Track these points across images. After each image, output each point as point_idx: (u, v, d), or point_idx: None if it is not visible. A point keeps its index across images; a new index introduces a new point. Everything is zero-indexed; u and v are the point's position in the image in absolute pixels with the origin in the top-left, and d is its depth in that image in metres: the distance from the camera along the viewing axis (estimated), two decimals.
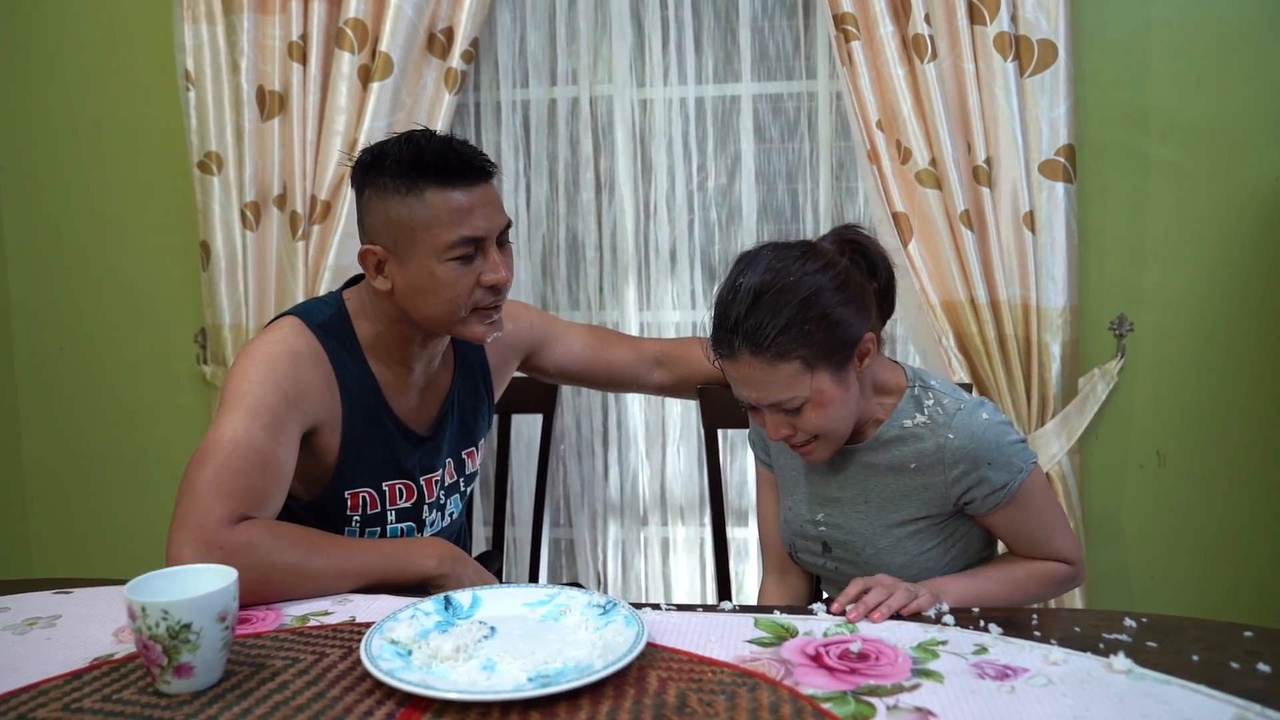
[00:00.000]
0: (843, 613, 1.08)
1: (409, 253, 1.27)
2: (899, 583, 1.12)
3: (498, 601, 1.10)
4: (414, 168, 1.25)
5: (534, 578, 1.94)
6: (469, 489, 1.54)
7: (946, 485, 1.25)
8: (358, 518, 1.36)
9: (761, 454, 1.47)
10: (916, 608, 1.09)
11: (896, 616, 1.07)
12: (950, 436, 1.23)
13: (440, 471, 1.44)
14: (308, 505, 1.35)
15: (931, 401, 1.27)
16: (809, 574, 1.48)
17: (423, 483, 1.41)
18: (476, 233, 1.26)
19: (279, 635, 1.06)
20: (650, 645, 0.99)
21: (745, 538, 2.28)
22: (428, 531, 1.44)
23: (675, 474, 2.27)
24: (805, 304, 1.16)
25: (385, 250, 1.29)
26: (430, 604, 1.08)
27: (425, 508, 1.42)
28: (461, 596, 1.10)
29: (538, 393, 1.79)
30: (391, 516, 1.39)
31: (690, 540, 2.31)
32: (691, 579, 2.32)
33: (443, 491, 1.46)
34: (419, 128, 1.32)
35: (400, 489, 1.39)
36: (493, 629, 1.04)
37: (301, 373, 1.26)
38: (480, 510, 2.22)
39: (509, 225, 1.33)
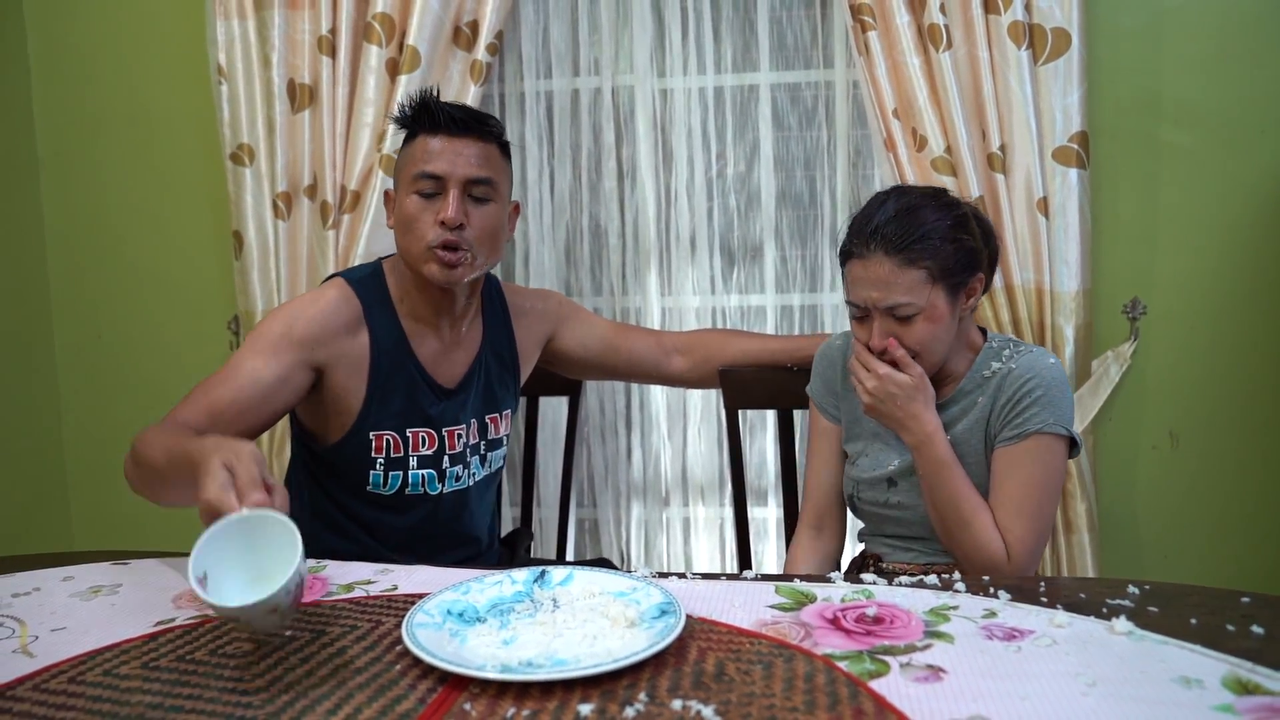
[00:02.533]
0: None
1: (397, 189, 1.47)
2: (905, 385, 1.33)
3: (587, 581, 1.12)
4: (413, 119, 1.46)
5: (561, 556, 2.01)
6: (493, 456, 1.61)
7: (995, 410, 1.38)
8: (381, 460, 1.47)
9: (829, 406, 1.56)
10: (885, 375, 1.33)
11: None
12: (1013, 367, 1.38)
13: (463, 426, 1.54)
14: (335, 448, 1.47)
15: (1008, 351, 1.41)
16: (841, 533, 1.58)
17: (445, 433, 1.51)
18: (435, 171, 1.41)
19: (337, 605, 1.12)
20: (687, 616, 1.02)
21: (765, 517, 2.34)
22: (448, 484, 1.54)
23: (696, 455, 2.33)
24: (941, 224, 1.33)
25: (393, 190, 1.49)
26: (524, 573, 1.14)
27: (446, 458, 1.52)
28: (557, 572, 1.14)
29: (563, 377, 1.85)
30: (413, 462, 1.49)
31: (711, 520, 2.36)
32: (712, 557, 2.38)
33: (467, 449, 1.55)
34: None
35: (423, 437, 1.49)
36: (556, 603, 1.08)
37: (320, 314, 1.42)
38: (508, 491, 2.28)
39: (485, 182, 1.44)
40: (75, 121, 2.44)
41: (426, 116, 1.44)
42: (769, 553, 2.34)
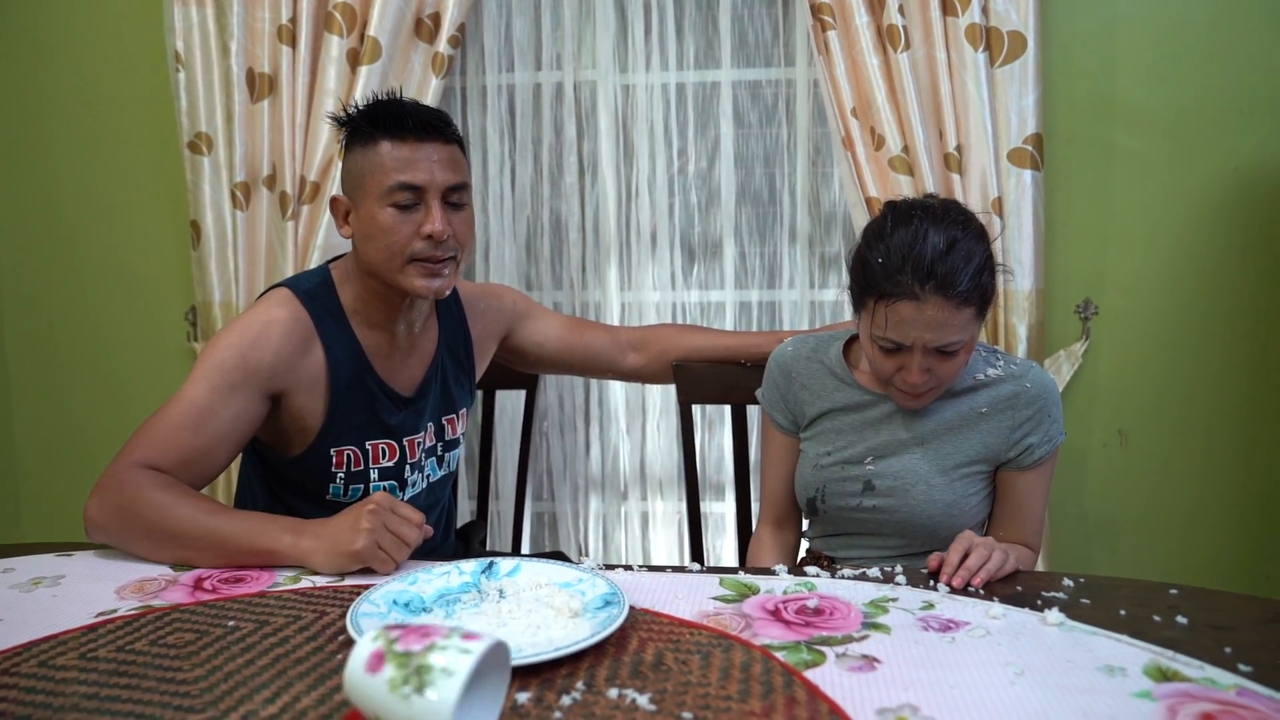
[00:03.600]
0: (937, 575, 1.14)
1: (360, 198, 1.38)
2: (995, 544, 1.16)
3: (534, 572, 1.13)
4: (372, 121, 1.37)
5: (516, 550, 2.02)
6: (450, 456, 1.60)
7: (1012, 428, 1.37)
8: (342, 475, 1.44)
9: (783, 419, 1.52)
10: (1006, 571, 1.15)
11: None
12: (1028, 385, 1.37)
13: (422, 434, 1.51)
14: (294, 462, 1.43)
15: (1002, 360, 1.41)
16: (800, 526, 1.58)
17: (405, 443, 1.48)
18: (416, 181, 1.35)
19: (283, 596, 1.12)
20: (630, 607, 1.03)
21: (722, 512, 2.35)
22: (408, 491, 1.51)
23: (655, 450, 2.34)
24: (986, 256, 1.29)
25: (348, 199, 1.40)
26: (472, 564, 1.15)
27: (407, 467, 1.49)
28: (505, 563, 1.15)
29: (519, 371, 1.85)
30: (374, 475, 1.46)
31: (669, 514, 2.38)
32: (670, 552, 2.39)
33: (424, 453, 1.53)
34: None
35: (384, 448, 1.46)
36: (502, 593, 1.09)
37: (274, 342, 1.35)
38: (465, 484, 2.28)
39: (462, 187, 1.40)
40: (27, 107, 2.40)
41: (392, 121, 1.35)
42: (727, 547, 2.36)
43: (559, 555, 1.86)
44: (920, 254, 1.25)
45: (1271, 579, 2.18)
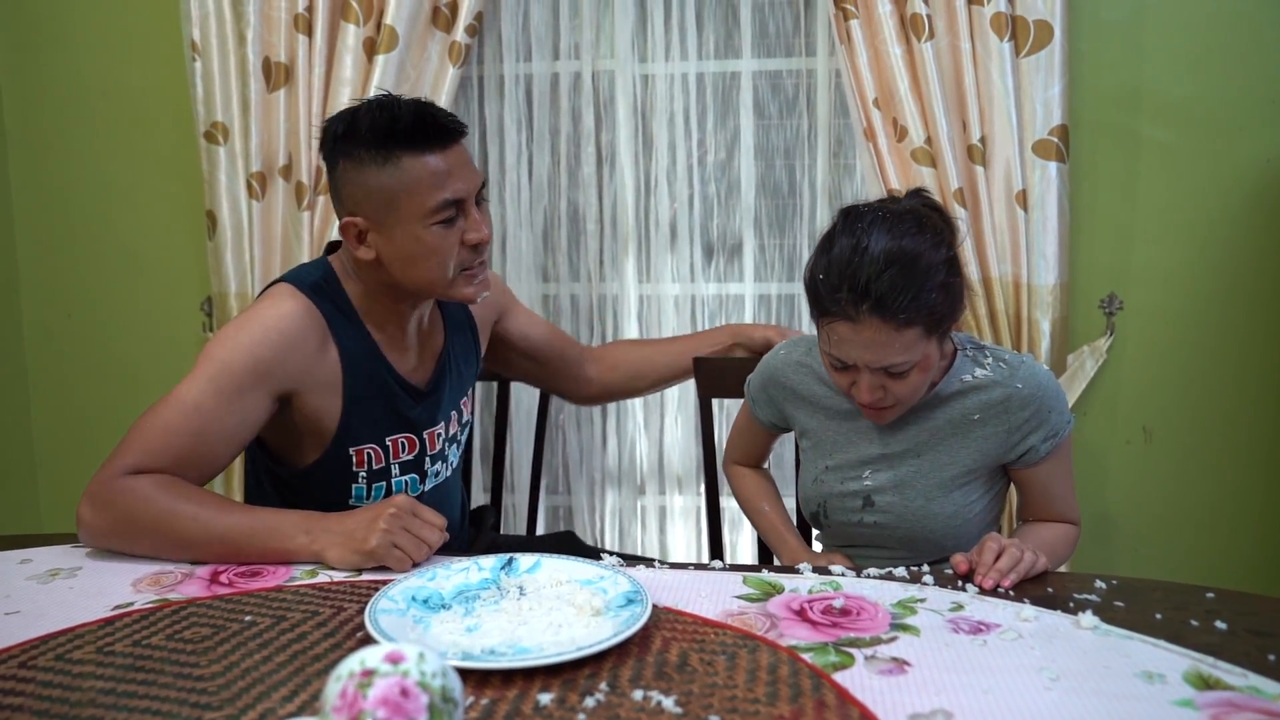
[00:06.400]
0: (966, 577, 1.12)
1: (392, 220, 1.29)
2: (1025, 546, 1.13)
3: (555, 569, 1.11)
4: (388, 135, 1.26)
5: (530, 538, 2.00)
6: (464, 437, 1.59)
7: (1008, 432, 1.31)
8: (364, 473, 1.40)
9: (765, 418, 1.50)
10: (1037, 570, 1.13)
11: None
12: (1019, 386, 1.30)
13: (442, 424, 1.49)
14: (311, 469, 1.39)
15: (990, 359, 1.34)
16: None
17: (425, 436, 1.45)
18: (457, 195, 1.29)
19: (300, 590, 1.11)
20: (653, 606, 1.01)
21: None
22: (430, 481, 1.48)
23: (673, 443, 2.32)
24: (933, 272, 1.19)
25: (367, 221, 1.30)
26: (492, 560, 1.13)
27: (428, 459, 1.47)
28: (524, 559, 1.13)
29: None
30: (395, 470, 1.43)
31: (687, 509, 2.36)
32: (688, 547, 2.37)
33: (446, 443, 1.51)
34: (384, 93, 1.34)
35: (403, 443, 1.43)
36: (522, 590, 1.08)
37: (286, 340, 1.28)
38: (479, 476, 2.27)
39: (485, 184, 1.36)
40: (44, 96, 2.39)
41: (414, 132, 1.27)
42: (744, 542, 2.34)
43: (568, 535, 1.84)
44: (856, 272, 1.17)
45: None
